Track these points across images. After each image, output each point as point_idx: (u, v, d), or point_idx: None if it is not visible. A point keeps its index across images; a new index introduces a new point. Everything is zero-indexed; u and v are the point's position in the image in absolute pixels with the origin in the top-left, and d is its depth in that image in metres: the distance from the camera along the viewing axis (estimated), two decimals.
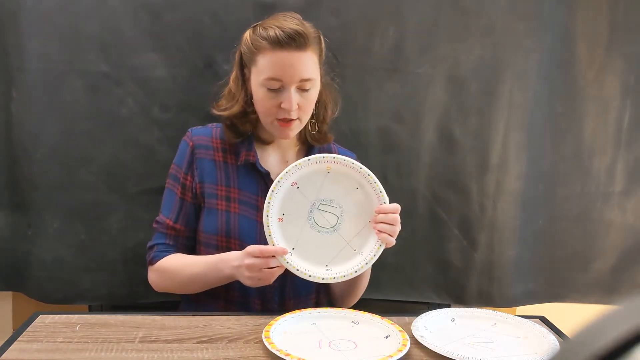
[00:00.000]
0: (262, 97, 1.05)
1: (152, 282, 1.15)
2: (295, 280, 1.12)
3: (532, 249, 1.43)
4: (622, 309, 0.24)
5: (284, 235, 1.00)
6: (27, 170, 1.30)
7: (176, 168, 1.14)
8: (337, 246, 1.01)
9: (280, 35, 1.01)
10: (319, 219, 1.01)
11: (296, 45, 1.02)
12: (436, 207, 1.40)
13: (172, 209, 1.12)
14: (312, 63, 1.05)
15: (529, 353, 0.91)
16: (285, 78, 1.03)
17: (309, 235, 1.01)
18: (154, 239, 1.14)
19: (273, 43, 1.02)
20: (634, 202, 1.43)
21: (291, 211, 1.00)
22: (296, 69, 1.02)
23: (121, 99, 1.30)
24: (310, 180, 1.01)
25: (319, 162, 1.01)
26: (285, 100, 1.03)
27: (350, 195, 1.02)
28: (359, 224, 1.02)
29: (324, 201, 1.01)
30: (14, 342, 0.88)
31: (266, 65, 1.03)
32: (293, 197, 1.01)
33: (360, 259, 1.01)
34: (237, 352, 0.87)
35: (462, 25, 1.33)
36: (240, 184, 1.12)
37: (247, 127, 1.12)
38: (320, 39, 1.09)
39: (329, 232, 1.01)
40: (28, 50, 1.26)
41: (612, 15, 1.34)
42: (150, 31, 1.29)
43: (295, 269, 0.99)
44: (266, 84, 1.04)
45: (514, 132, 1.36)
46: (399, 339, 0.90)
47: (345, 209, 1.02)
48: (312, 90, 1.07)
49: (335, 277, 1.00)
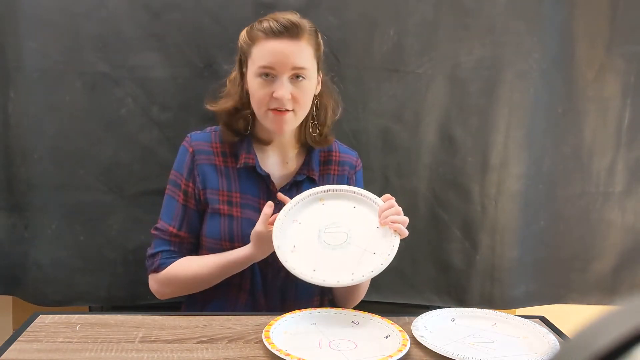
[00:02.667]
0: (256, 87, 1.06)
1: (155, 290, 1.13)
2: (297, 285, 1.11)
3: (533, 250, 1.43)
4: (622, 309, 0.24)
5: (300, 262, 0.99)
6: (25, 171, 1.30)
7: (176, 174, 1.13)
8: (356, 255, 1.01)
9: (274, 25, 1.03)
10: (329, 239, 1.03)
11: (289, 35, 1.03)
12: (437, 208, 1.40)
13: (174, 217, 1.11)
14: (306, 53, 1.05)
15: (529, 353, 0.91)
16: (277, 66, 1.03)
17: (325, 254, 1.01)
18: (156, 247, 1.11)
19: (267, 32, 1.03)
20: (634, 202, 1.43)
21: (301, 242, 1.01)
22: (289, 57, 1.03)
23: (120, 99, 1.30)
24: (309, 215, 1.04)
25: (311, 195, 1.06)
26: (277, 88, 1.03)
27: (350, 214, 1.05)
28: (368, 233, 1.03)
29: (328, 226, 1.04)
30: (14, 342, 0.88)
31: (260, 55, 1.04)
32: (298, 230, 1.03)
33: (381, 257, 0.99)
34: (237, 352, 0.87)
35: (462, 25, 1.33)
36: (242, 188, 1.11)
37: (241, 125, 1.12)
38: (316, 33, 1.09)
39: (343, 247, 1.02)
40: (26, 49, 1.26)
41: (612, 15, 1.34)
42: (150, 31, 1.29)
43: (322, 281, 0.98)
44: (259, 72, 1.04)
45: (514, 132, 1.36)
46: (399, 339, 0.90)
47: (351, 226, 1.04)
48: (306, 82, 1.06)
49: (364, 275, 0.99)
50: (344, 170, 1.19)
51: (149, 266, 1.12)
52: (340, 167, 1.18)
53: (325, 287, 1.14)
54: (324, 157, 1.18)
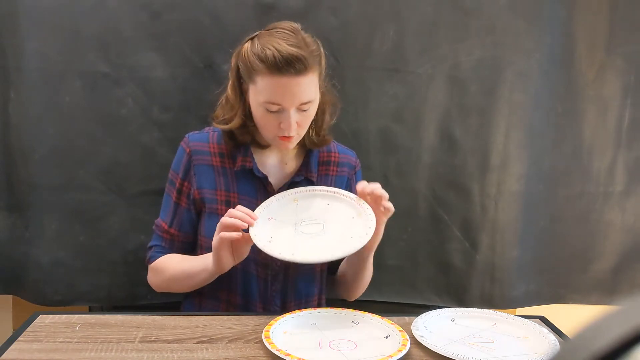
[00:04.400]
0: (261, 116, 1.05)
1: (149, 281, 1.16)
2: (297, 284, 1.12)
3: (533, 250, 1.43)
4: (622, 309, 0.24)
5: (281, 248, 0.99)
6: (25, 171, 1.30)
7: (173, 174, 1.14)
8: (334, 239, 1.01)
9: (279, 59, 0.97)
10: (306, 230, 1.04)
11: (295, 71, 0.98)
12: (437, 208, 1.40)
13: (168, 213, 1.14)
14: (312, 86, 1.03)
15: (529, 353, 0.91)
16: (284, 103, 1.01)
17: (303, 241, 1.01)
18: (153, 240, 1.16)
19: (271, 67, 0.98)
20: (634, 202, 1.43)
21: (277, 235, 1.02)
22: (295, 95, 1.00)
23: (121, 100, 1.30)
24: (284, 212, 1.06)
25: (285, 197, 1.08)
26: (284, 121, 1.02)
27: (324, 209, 1.06)
28: (345, 223, 1.04)
29: (304, 219, 1.05)
30: (14, 342, 0.88)
31: (265, 89, 1.01)
32: (274, 226, 1.04)
33: (358, 239, 0.99)
34: (237, 352, 0.87)
35: (462, 25, 1.33)
36: (239, 189, 1.11)
37: (246, 138, 1.11)
38: (320, 56, 1.04)
39: (320, 235, 1.03)
40: (27, 50, 1.25)
41: (612, 15, 1.34)
42: (150, 31, 1.29)
43: (303, 258, 0.98)
44: (265, 106, 1.02)
45: (514, 132, 1.36)
46: (399, 339, 0.90)
47: (327, 218, 1.05)
48: (311, 109, 1.05)
49: (345, 251, 0.99)
50: (343, 172, 1.19)
51: (146, 259, 1.16)
52: (339, 168, 1.18)
53: (323, 281, 1.17)
54: (323, 158, 1.18)
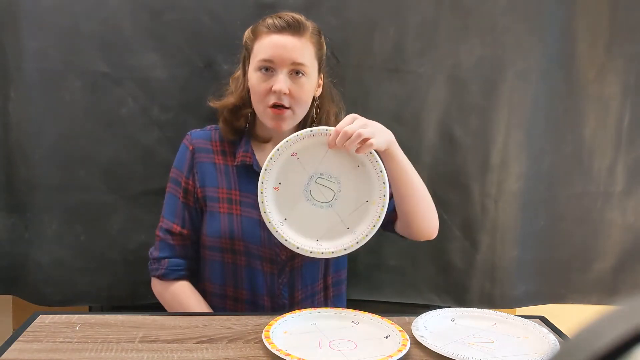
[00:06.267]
0: (255, 81, 1.06)
1: (157, 293, 1.15)
2: (303, 272, 1.12)
3: (534, 250, 1.43)
4: (622, 309, 0.24)
5: (277, 204, 0.98)
6: (25, 171, 1.30)
7: (177, 172, 1.14)
8: (330, 222, 0.99)
9: (278, 21, 1.05)
10: (315, 192, 0.99)
11: (291, 31, 1.05)
12: (437, 208, 1.39)
13: (177, 214, 1.12)
14: (306, 50, 1.06)
15: (529, 353, 0.91)
16: (277, 59, 1.04)
17: (303, 207, 0.99)
18: (161, 250, 1.13)
19: (270, 27, 1.05)
20: (634, 202, 1.42)
21: (288, 181, 0.98)
22: (289, 52, 1.04)
23: (121, 99, 1.30)
24: (311, 153, 0.98)
25: (322, 134, 0.97)
26: (276, 82, 1.04)
27: (350, 172, 0.99)
28: (356, 202, 1.00)
29: (322, 175, 0.99)
30: (14, 342, 0.88)
31: (261, 49, 1.06)
32: (291, 168, 0.98)
33: (352, 237, 0.99)
34: (237, 352, 0.87)
35: (462, 25, 1.33)
36: (241, 185, 1.12)
37: (241, 123, 1.12)
38: (319, 34, 1.10)
39: (324, 207, 0.99)
40: (27, 49, 1.25)
41: (612, 15, 1.34)
42: (150, 31, 1.29)
43: (284, 239, 0.98)
44: (259, 65, 1.05)
45: (514, 132, 1.36)
46: (399, 339, 0.90)
47: (344, 185, 0.99)
48: (304, 79, 1.06)
49: (324, 253, 0.99)
50: None
51: (154, 270, 1.13)
52: None
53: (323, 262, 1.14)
54: None
